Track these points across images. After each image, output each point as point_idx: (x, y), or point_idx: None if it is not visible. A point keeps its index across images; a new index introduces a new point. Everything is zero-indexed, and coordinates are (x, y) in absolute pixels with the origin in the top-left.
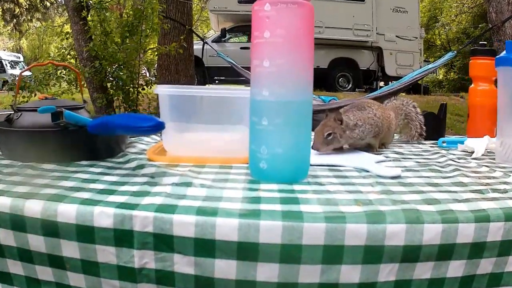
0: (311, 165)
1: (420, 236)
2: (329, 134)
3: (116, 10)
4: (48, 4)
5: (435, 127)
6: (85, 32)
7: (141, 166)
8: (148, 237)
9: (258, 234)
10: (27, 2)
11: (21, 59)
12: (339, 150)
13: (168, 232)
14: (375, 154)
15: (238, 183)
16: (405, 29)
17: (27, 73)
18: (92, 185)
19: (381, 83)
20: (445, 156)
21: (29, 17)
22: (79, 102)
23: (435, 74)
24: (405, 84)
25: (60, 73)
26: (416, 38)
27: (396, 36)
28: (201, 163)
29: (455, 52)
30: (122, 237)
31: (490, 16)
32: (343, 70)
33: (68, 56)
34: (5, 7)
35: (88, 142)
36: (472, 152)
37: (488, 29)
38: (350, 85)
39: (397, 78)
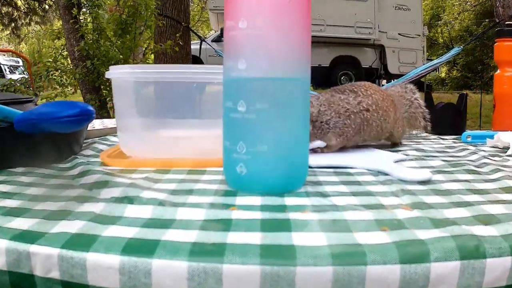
0: (310, 167)
1: (480, 278)
2: None
3: (116, 12)
4: (47, 7)
5: (455, 120)
6: (76, 31)
7: (84, 174)
8: (54, 287)
9: (221, 287)
10: (26, 6)
11: (20, 63)
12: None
13: (81, 281)
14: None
15: (206, 195)
16: (407, 27)
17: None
18: (4, 202)
19: (384, 81)
20: (475, 153)
21: (27, 21)
22: (31, 96)
23: (437, 72)
24: (409, 80)
25: (52, 74)
26: (419, 35)
27: (399, 34)
28: (167, 167)
29: (461, 47)
30: (21, 284)
31: (497, 10)
32: (345, 68)
33: (60, 57)
34: (3, 11)
35: (23, 143)
36: (505, 148)
37: (495, 24)
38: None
39: (399, 76)
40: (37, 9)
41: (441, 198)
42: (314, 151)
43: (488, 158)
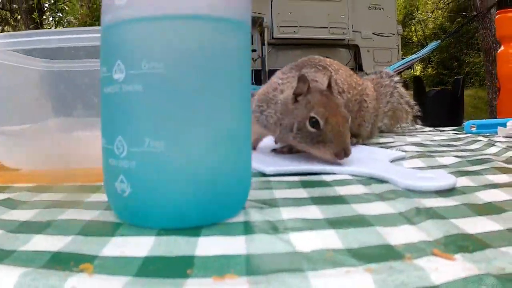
0: (264, 175)
1: None
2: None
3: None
4: (19, 17)
5: (452, 108)
6: None
7: None
8: None
9: None
10: None
11: None
12: None
13: None
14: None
15: (61, 234)
16: (382, 26)
17: None
18: None
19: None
20: (492, 144)
21: None
22: None
23: (412, 70)
24: None
25: None
26: (393, 34)
27: (373, 33)
28: (52, 182)
29: (438, 41)
30: None
31: (474, 3)
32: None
33: None
34: None
35: None
36: None
37: (473, 16)
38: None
39: None
40: (9, 19)
41: (490, 221)
42: (278, 151)
43: None
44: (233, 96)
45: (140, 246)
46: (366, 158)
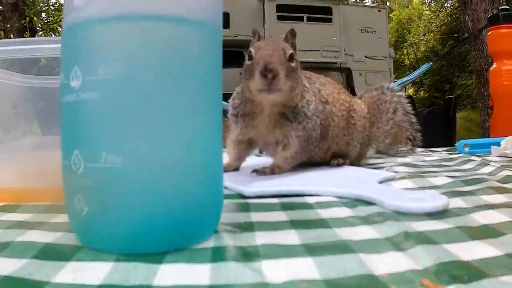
0: (244, 197)
1: None
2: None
3: None
4: (12, 36)
5: (444, 128)
6: None
7: None
8: None
9: None
10: None
11: None
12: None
13: None
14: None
15: (18, 257)
16: (374, 49)
17: None
18: None
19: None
20: (486, 164)
21: None
22: None
23: (404, 93)
24: None
25: None
26: (385, 57)
27: (365, 56)
28: (23, 201)
29: (430, 63)
30: None
31: (466, 25)
32: None
33: None
34: None
35: None
36: None
37: (465, 38)
38: None
39: None
40: (3, 38)
41: (487, 246)
42: (260, 172)
43: (507, 169)
44: (200, 104)
45: (95, 272)
46: (352, 179)
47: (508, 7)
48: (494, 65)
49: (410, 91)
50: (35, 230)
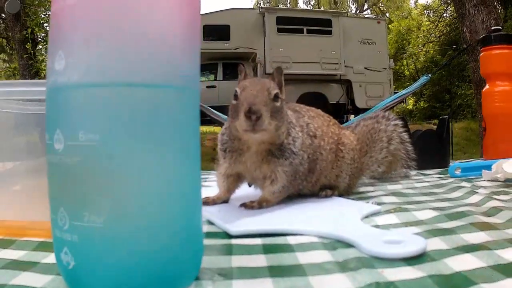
0: (229, 236)
1: None
2: None
3: None
4: (14, 45)
5: (437, 149)
6: (31, 67)
7: None
8: None
9: None
10: None
11: None
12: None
13: None
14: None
15: None
16: (373, 61)
17: None
18: None
19: (352, 116)
20: (475, 191)
21: None
22: None
23: (404, 104)
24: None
25: None
26: (385, 68)
27: (365, 68)
28: (15, 235)
29: (429, 75)
30: None
31: (464, 36)
32: (312, 105)
33: None
34: None
35: None
36: (508, 181)
37: (463, 50)
38: None
39: (367, 110)
40: (5, 46)
41: None
42: (248, 206)
43: (495, 199)
44: (179, 165)
45: None
46: (337, 214)
47: (500, 28)
48: (487, 86)
49: (411, 102)
50: (27, 272)
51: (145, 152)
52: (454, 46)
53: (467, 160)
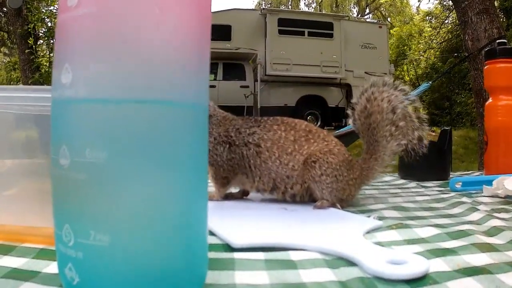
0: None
1: None
2: None
3: None
4: (15, 40)
5: (438, 162)
6: (32, 62)
7: None
8: None
9: None
10: None
11: None
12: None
13: None
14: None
15: None
16: (374, 65)
17: None
18: None
19: (350, 120)
20: (475, 208)
21: None
22: None
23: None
24: None
25: None
26: (386, 74)
27: (365, 73)
28: (14, 240)
29: (429, 83)
30: None
31: (465, 44)
32: (311, 108)
33: None
34: None
35: None
36: (508, 197)
37: (464, 58)
38: (318, 123)
39: None
40: (6, 40)
41: None
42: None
43: (496, 217)
44: (186, 183)
45: None
46: (338, 229)
47: (505, 41)
48: (490, 99)
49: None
50: (28, 282)
51: (153, 170)
52: (455, 54)
53: (466, 173)
